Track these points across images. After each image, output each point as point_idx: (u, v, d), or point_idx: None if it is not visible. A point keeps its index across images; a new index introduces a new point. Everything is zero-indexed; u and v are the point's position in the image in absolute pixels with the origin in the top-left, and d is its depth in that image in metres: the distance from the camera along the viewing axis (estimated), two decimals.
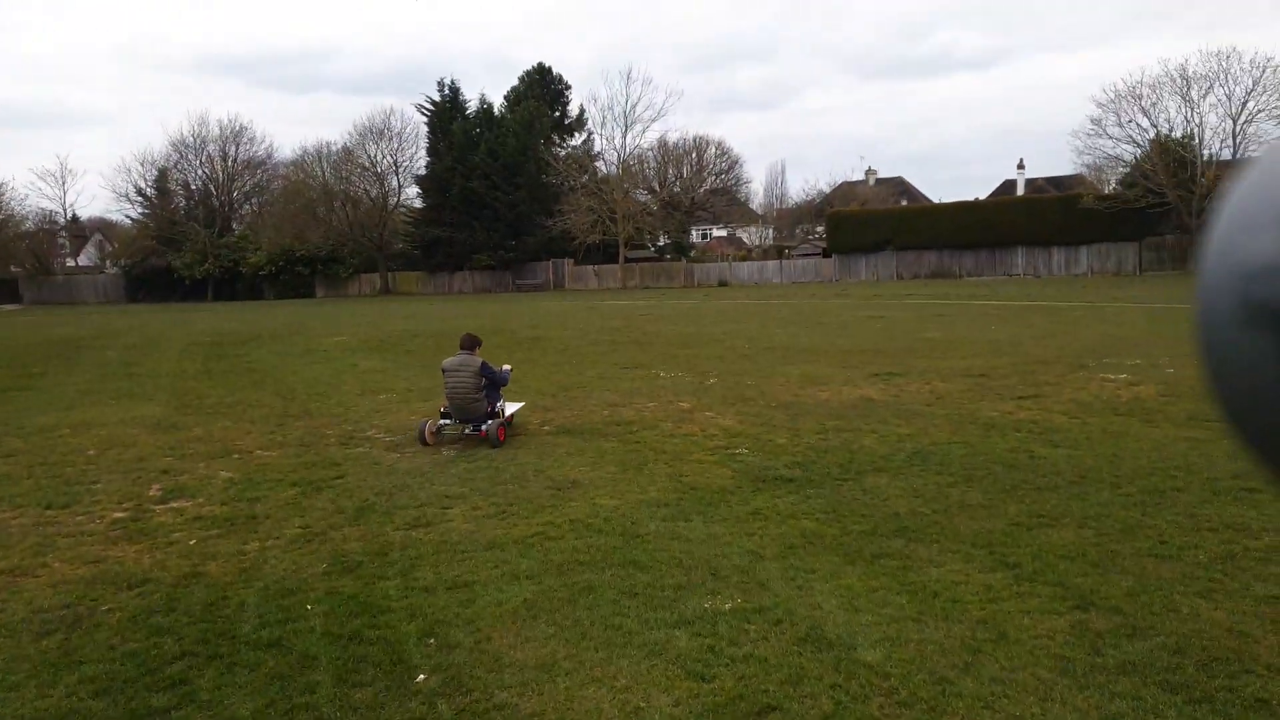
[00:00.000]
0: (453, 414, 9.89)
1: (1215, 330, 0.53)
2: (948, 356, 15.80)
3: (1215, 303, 0.52)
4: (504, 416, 9.96)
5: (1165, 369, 13.42)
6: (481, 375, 9.78)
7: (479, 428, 9.63)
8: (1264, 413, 0.50)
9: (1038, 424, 9.78)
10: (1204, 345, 0.54)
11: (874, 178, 77.44)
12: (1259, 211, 0.50)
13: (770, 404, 11.52)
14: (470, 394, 9.73)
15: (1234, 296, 0.51)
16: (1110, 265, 47.54)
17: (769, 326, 23.30)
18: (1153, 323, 21.01)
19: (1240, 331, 0.50)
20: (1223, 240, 0.52)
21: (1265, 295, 0.49)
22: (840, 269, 55.11)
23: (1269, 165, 0.52)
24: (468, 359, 9.88)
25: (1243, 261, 0.50)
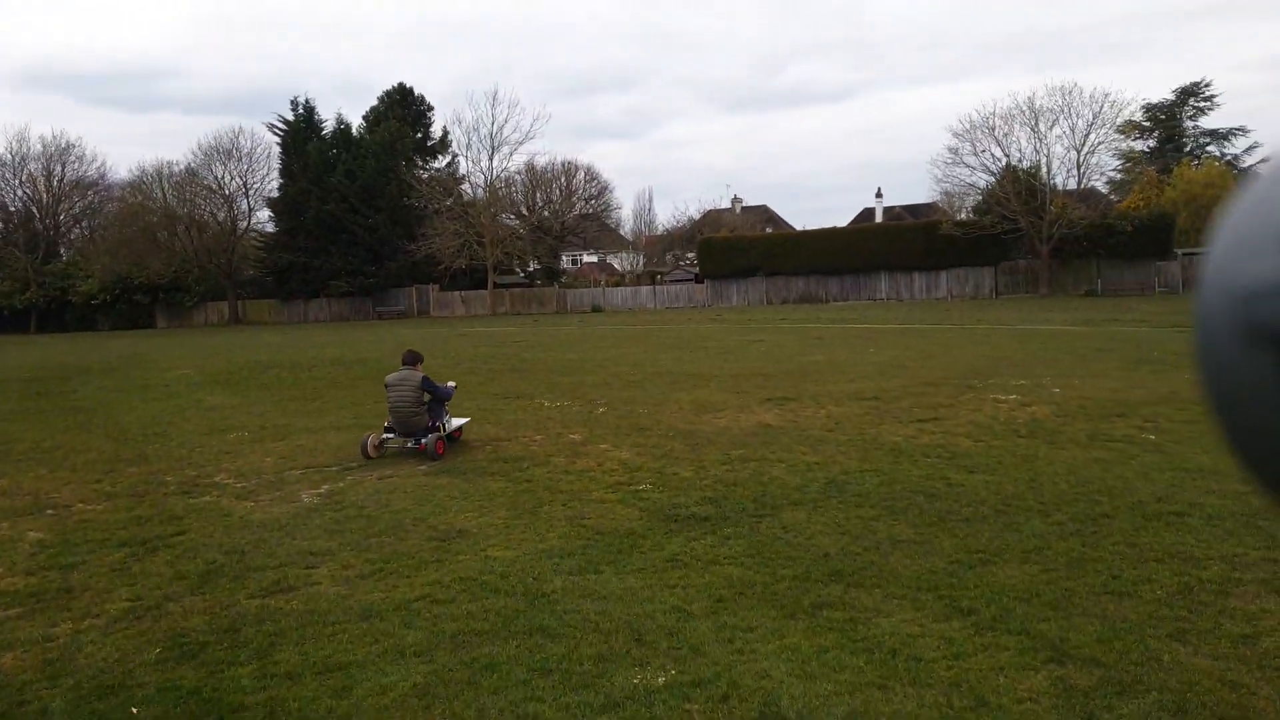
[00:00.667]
0: (395, 428, 10.07)
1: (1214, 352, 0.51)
2: (836, 380, 15.55)
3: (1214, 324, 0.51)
4: (444, 431, 10.08)
5: (1050, 389, 13.49)
6: (423, 390, 10.00)
7: (419, 441, 9.79)
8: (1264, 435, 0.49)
9: (944, 448, 9.43)
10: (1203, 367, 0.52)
11: (740, 206, 78.86)
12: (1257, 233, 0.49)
13: (667, 433, 10.82)
14: (411, 408, 9.93)
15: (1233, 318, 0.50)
16: (968, 289, 49.56)
17: (652, 352, 22.72)
18: (1022, 343, 21.56)
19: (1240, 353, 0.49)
20: (1221, 261, 0.51)
21: (1265, 316, 0.48)
22: (712, 294, 55.47)
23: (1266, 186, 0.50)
24: (409, 374, 10.12)
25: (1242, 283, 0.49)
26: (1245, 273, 0.50)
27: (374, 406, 14.65)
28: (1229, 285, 0.51)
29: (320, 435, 12.10)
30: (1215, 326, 0.52)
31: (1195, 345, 0.54)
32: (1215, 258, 0.54)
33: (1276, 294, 0.48)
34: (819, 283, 53.21)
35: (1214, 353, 0.53)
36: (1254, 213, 0.52)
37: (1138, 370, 15.50)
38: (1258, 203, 0.52)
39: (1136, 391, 12.90)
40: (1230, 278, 0.51)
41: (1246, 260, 0.50)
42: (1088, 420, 10.78)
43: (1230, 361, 0.51)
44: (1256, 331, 0.49)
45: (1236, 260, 0.51)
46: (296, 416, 14.14)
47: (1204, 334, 0.53)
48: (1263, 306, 0.49)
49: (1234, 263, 0.51)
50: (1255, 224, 0.51)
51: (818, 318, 37.19)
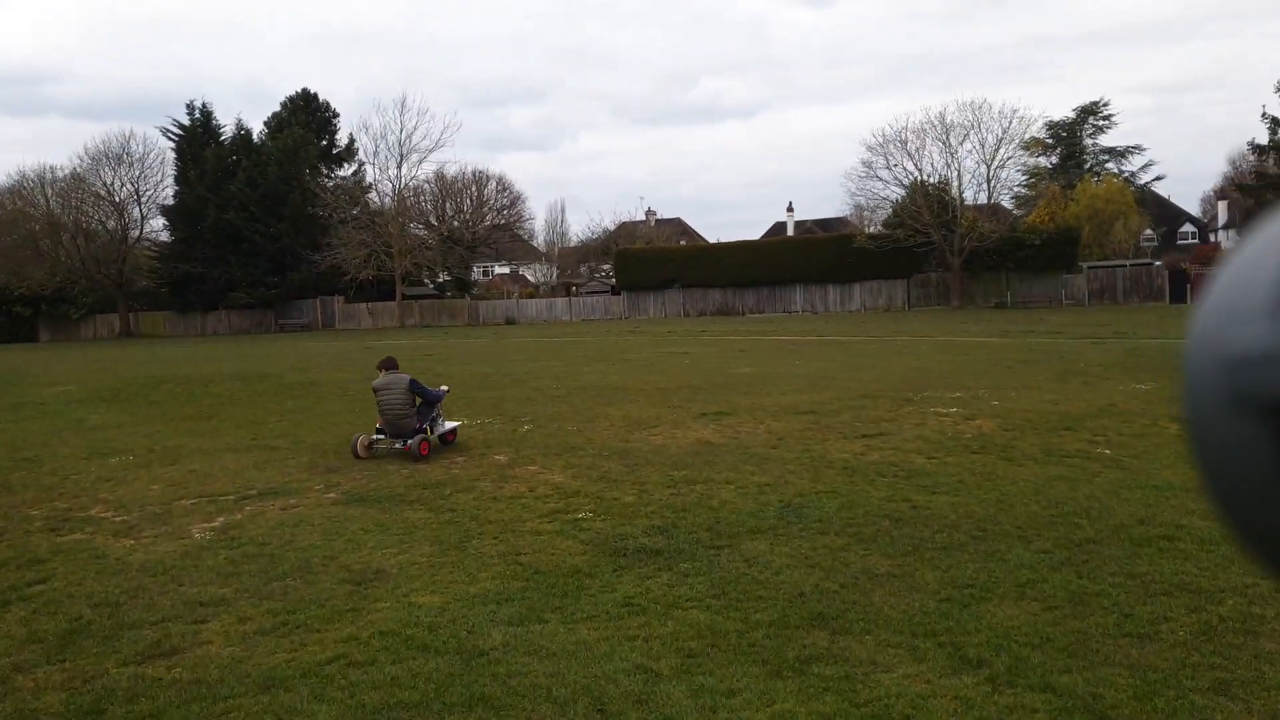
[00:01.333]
0: (385, 429, 10.18)
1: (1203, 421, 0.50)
2: (768, 392, 15.01)
3: (1202, 392, 0.50)
4: (433, 434, 10.18)
5: (988, 401, 13.20)
6: (411, 391, 10.12)
7: (406, 443, 9.87)
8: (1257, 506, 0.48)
9: (898, 466, 8.90)
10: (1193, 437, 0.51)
11: (654, 218, 78.65)
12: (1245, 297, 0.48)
13: (601, 452, 10.04)
14: (400, 410, 10.04)
15: (1222, 386, 0.49)
16: (881, 301, 50.16)
17: (574, 365, 21.88)
18: (945, 354, 21.50)
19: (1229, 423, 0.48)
20: (1208, 327, 0.50)
21: (1254, 385, 0.47)
22: (629, 306, 54.89)
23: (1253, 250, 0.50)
24: (395, 377, 10.24)
25: (1230, 349, 0.48)
26: (1232, 339, 0.48)
27: (276, 425, 13.48)
28: (1215, 352, 0.49)
29: (216, 458, 10.93)
30: (1202, 395, 0.50)
31: (1184, 414, 0.52)
32: (1201, 324, 0.51)
33: (1264, 361, 0.46)
34: (736, 295, 53.18)
35: (1202, 422, 0.51)
36: (1239, 278, 0.50)
37: (1068, 382, 15.41)
38: (1243, 268, 0.50)
39: (1075, 404, 12.68)
40: (1216, 345, 0.49)
41: (1233, 326, 0.48)
42: (1036, 434, 10.43)
43: (1219, 431, 0.49)
44: (1244, 400, 0.47)
45: (1223, 326, 0.49)
46: (190, 437, 12.88)
47: (1191, 402, 0.51)
48: (1250, 374, 0.47)
49: (1220, 329, 0.49)
50: (1241, 289, 0.49)
51: (737, 330, 36.92)
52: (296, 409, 15.35)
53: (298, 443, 11.63)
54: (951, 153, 48.41)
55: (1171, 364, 17.70)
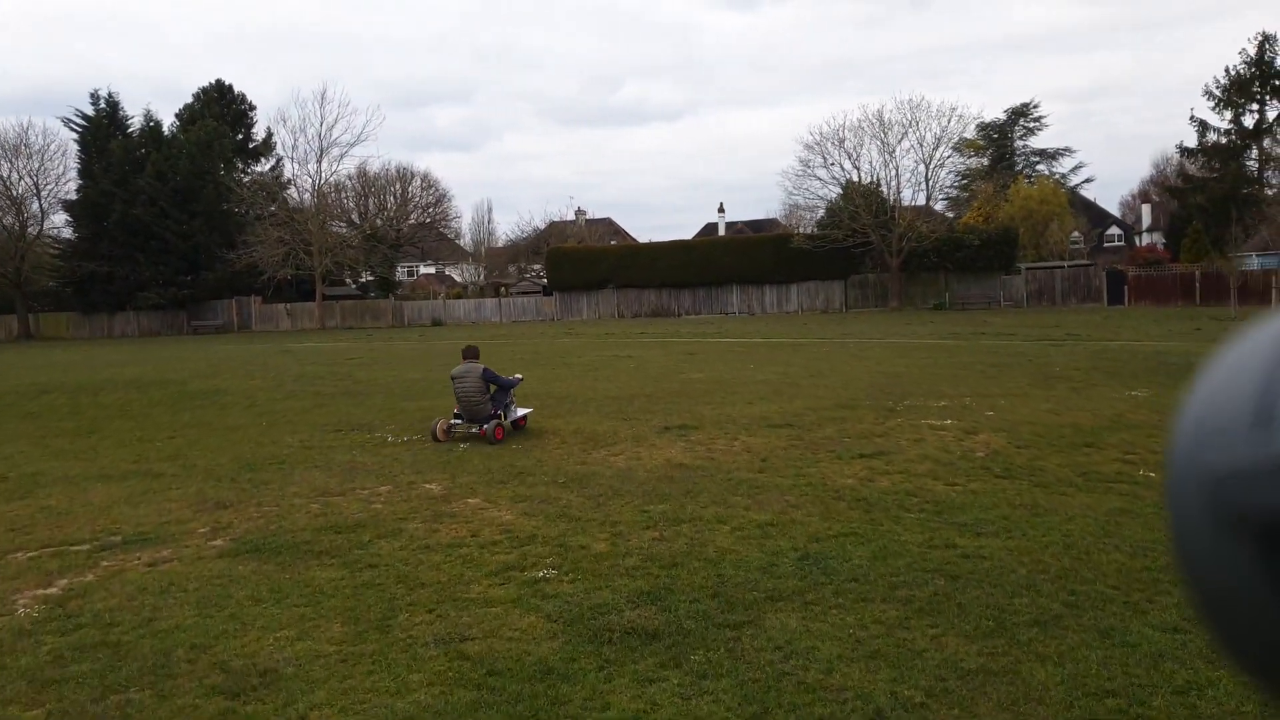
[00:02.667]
0: (462, 415, 10.68)
1: (1188, 540, 0.49)
2: (732, 401, 13.47)
3: (1186, 510, 0.48)
4: (506, 419, 10.64)
5: (980, 411, 11.86)
6: (484, 380, 10.61)
7: (482, 427, 10.32)
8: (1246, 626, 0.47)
9: (918, 497, 7.40)
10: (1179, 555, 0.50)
11: (584, 218, 76.86)
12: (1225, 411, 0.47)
13: (555, 478, 8.32)
14: (475, 396, 10.53)
15: (1205, 503, 0.47)
16: (819, 302, 49.25)
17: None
18: (904, 357, 20.28)
19: (1215, 541, 0.47)
20: (1189, 442, 0.49)
21: (1238, 501, 0.45)
22: (562, 307, 53.00)
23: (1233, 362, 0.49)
24: (471, 366, 10.81)
25: (1212, 465, 0.47)
26: (1214, 455, 0.46)
27: (166, 444, 11.42)
28: (1198, 469, 0.48)
29: (81, 489, 8.91)
30: (1187, 514, 0.48)
31: (1170, 533, 0.50)
32: (1182, 439, 0.50)
33: (1249, 477, 0.44)
34: (671, 296, 51.75)
35: (1189, 542, 0.49)
36: (1220, 390, 0.48)
37: (1053, 388, 14.22)
38: (1223, 380, 0.48)
39: (1078, 414, 11.42)
40: (1199, 461, 0.47)
41: (1215, 441, 0.47)
42: (1057, 452, 9.06)
43: (1206, 551, 0.47)
44: (1230, 518, 0.46)
45: (1204, 442, 0.47)
46: (58, 459, 10.77)
47: (1177, 521, 0.49)
48: (1235, 491, 0.45)
49: (1202, 444, 0.47)
50: (1222, 402, 0.47)
51: (678, 332, 35.44)
52: (194, 423, 13.26)
53: (188, 467, 9.64)
54: (889, 152, 47.80)
55: (1151, 369, 16.73)
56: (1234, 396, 0.47)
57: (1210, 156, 56.85)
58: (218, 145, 54.09)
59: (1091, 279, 46.11)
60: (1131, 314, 38.53)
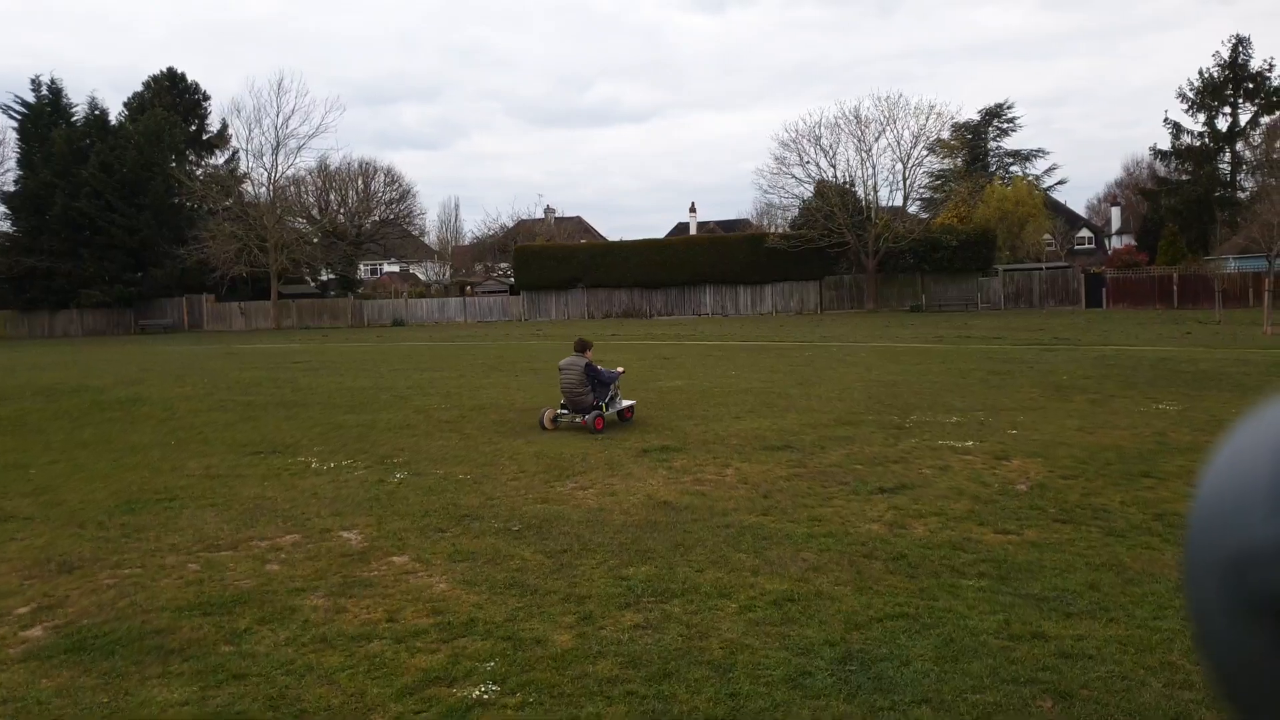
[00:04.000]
0: (567, 406, 11.09)
1: (1210, 622, 0.48)
2: (718, 416, 11.87)
3: (1206, 592, 0.48)
4: (609, 410, 11.14)
5: (1002, 429, 10.35)
6: (586, 374, 10.95)
7: (584, 418, 10.86)
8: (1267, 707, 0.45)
9: (968, 551, 5.82)
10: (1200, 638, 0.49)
11: (554, 216, 75.03)
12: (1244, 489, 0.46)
13: (508, 524, 6.64)
14: (576, 388, 10.97)
15: (1223, 584, 0.46)
16: (794, 304, 47.86)
17: (470, 376, 18.28)
18: (895, 364, 18.80)
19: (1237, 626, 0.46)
20: (1207, 521, 0.48)
21: (1260, 585, 0.44)
22: (529, 307, 51.16)
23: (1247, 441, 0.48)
24: (576, 359, 11.20)
25: (1231, 545, 0.46)
26: (1233, 536, 0.45)
27: (42, 471, 9.55)
28: (1215, 550, 0.46)
29: None
30: (1207, 597, 0.47)
31: (1189, 616, 0.49)
32: (1199, 519, 0.48)
33: (1267, 559, 0.43)
34: (643, 296, 50.13)
35: (1209, 626, 0.47)
36: (1235, 470, 0.47)
37: (1069, 399, 12.78)
38: (1238, 459, 0.47)
39: (1114, 433, 9.94)
40: (1217, 542, 0.46)
41: (1233, 522, 0.45)
42: (1112, 485, 7.54)
43: (1227, 635, 0.46)
44: (1249, 601, 0.44)
45: (1221, 522, 0.46)
46: None
47: (1196, 605, 0.48)
48: (1256, 574, 0.44)
49: (1219, 525, 0.46)
50: (1238, 483, 0.46)
51: (651, 334, 33.82)
52: (91, 441, 11.39)
53: (50, 506, 7.80)
54: (866, 150, 46.53)
55: (1164, 378, 15.37)
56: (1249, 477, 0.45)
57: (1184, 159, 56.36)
58: (168, 136, 51.64)
59: (1070, 281, 45.17)
60: (1112, 317, 37.54)
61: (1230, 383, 14.30)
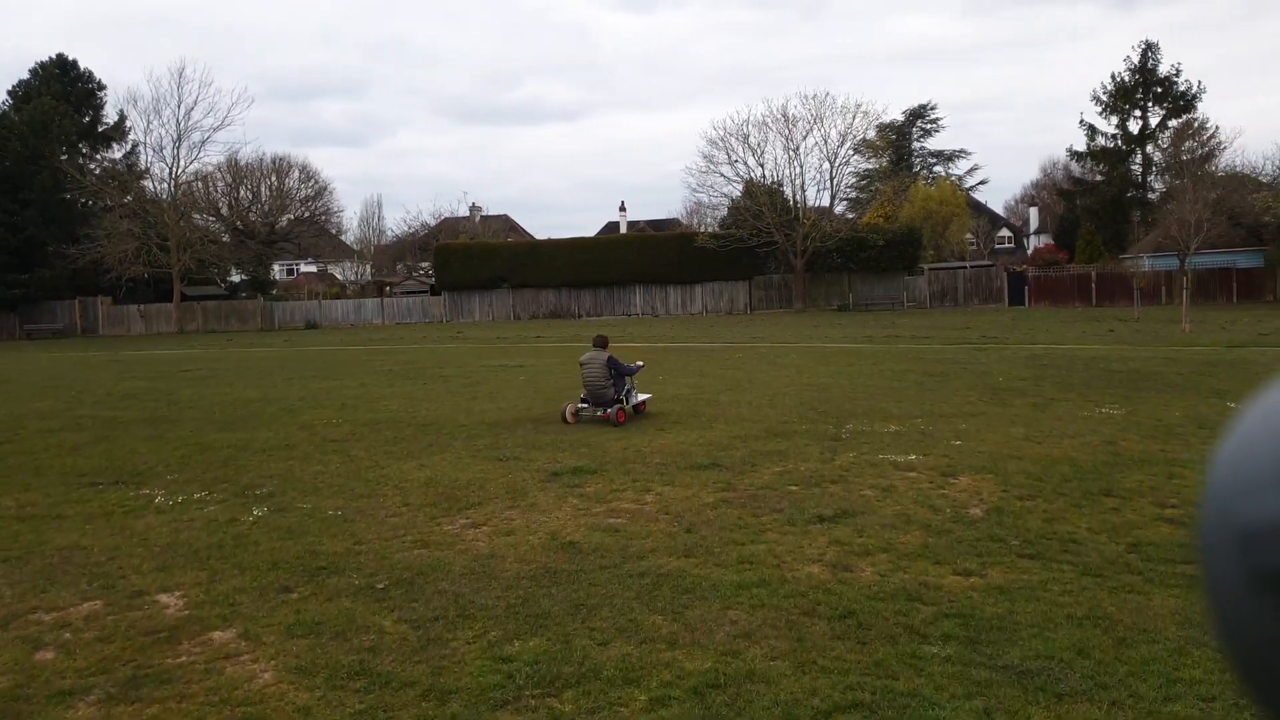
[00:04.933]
0: (588, 399, 11.36)
1: (1223, 599, 0.48)
2: (640, 428, 10.81)
3: (1220, 569, 0.48)
4: (628, 403, 11.38)
5: (945, 439, 9.50)
6: (609, 367, 11.28)
7: (606, 411, 11.17)
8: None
9: (925, 600, 4.85)
10: (1214, 615, 0.50)
11: (480, 214, 73.19)
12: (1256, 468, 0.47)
13: (371, 577, 5.44)
14: (600, 382, 11.24)
15: (1239, 561, 0.47)
16: (724, 303, 47.15)
17: (374, 384, 16.88)
18: (826, 365, 18.01)
19: (1250, 598, 0.46)
20: (1220, 501, 0.49)
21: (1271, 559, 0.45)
22: (451, 308, 49.42)
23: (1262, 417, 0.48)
24: (598, 354, 11.43)
25: (1245, 523, 0.46)
26: (1246, 512, 0.46)
27: None
28: (1230, 526, 0.47)
29: None
30: (1219, 571, 0.48)
31: (1203, 591, 0.49)
32: (1212, 496, 0.49)
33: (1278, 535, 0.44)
34: (571, 296, 48.86)
35: (1221, 598, 0.48)
36: (1249, 446, 0.47)
37: (1009, 404, 12.07)
38: (1253, 436, 0.48)
39: (1061, 443, 9.17)
40: (1230, 517, 0.47)
41: (1246, 499, 0.46)
42: (1074, 507, 6.70)
43: (1241, 609, 0.47)
44: (1264, 576, 0.45)
45: (1235, 499, 0.47)
46: None
47: (1210, 580, 0.49)
48: (1266, 548, 0.45)
49: (1234, 502, 0.47)
50: (1253, 459, 0.47)
51: (578, 335, 32.64)
52: None
53: None
54: (794, 149, 46.09)
55: (1100, 378, 14.84)
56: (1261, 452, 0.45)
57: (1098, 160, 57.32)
58: (56, 127, 48.41)
59: (993, 279, 45.42)
60: (1035, 315, 37.69)
61: (1165, 382, 13.81)
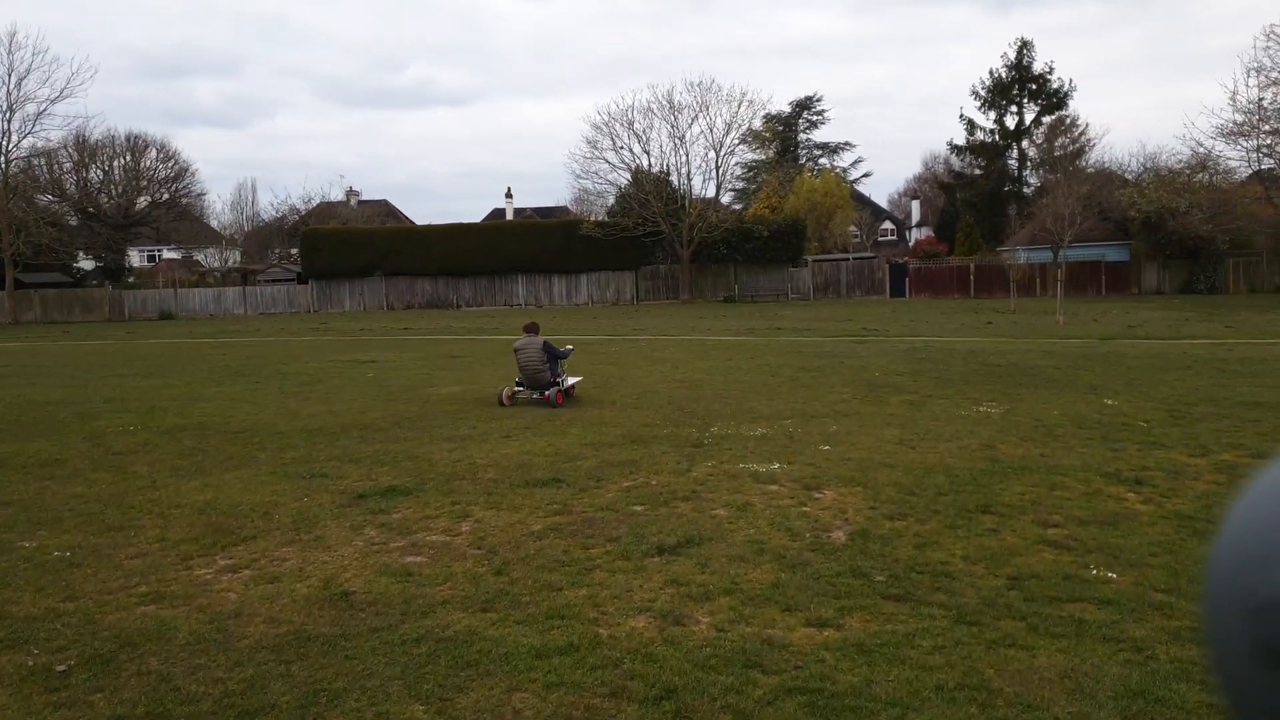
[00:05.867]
0: (524, 383, 11.84)
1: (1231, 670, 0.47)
2: (483, 435, 9.65)
3: (1227, 640, 0.47)
4: (564, 385, 11.83)
5: (813, 443, 8.66)
6: (544, 351, 11.70)
7: (544, 393, 11.60)
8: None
9: (765, 666, 3.90)
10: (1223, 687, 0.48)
11: (356, 199, 70.10)
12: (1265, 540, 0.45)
13: (60, 652, 4.14)
14: (536, 365, 11.69)
15: (1249, 634, 0.45)
16: (610, 294, 46.11)
17: (198, 384, 15.16)
18: (704, 359, 17.19)
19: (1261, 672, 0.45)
20: (1227, 572, 0.47)
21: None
22: (320, 297, 46.89)
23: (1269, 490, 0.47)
24: (532, 339, 11.82)
25: (1255, 596, 0.45)
26: (1254, 585, 0.44)
27: None
28: (1237, 599, 0.45)
29: None
30: (1228, 643, 0.46)
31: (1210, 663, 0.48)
32: (1220, 568, 0.47)
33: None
34: (449, 285, 46.99)
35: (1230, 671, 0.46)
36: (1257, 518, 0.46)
37: (885, 401, 11.40)
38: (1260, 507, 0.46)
39: (936, 446, 8.46)
40: (1239, 591, 0.45)
41: (1256, 571, 0.44)
42: (949, 529, 5.89)
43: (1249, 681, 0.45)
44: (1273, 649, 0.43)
45: (1246, 569, 0.45)
46: None
47: (1218, 652, 0.47)
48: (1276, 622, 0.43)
49: (1244, 572, 0.45)
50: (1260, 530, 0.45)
51: (450, 327, 31.09)
52: None
53: None
54: (680, 137, 45.38)
55: (978, 373, 14.42)
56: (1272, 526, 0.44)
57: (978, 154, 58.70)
58: None
59: (875, 271, 45.79)
60: (916, 306, 38.02)
61: (1043, 378, 13.45)
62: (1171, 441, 8.44)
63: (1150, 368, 14.30)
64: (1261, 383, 12.27)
